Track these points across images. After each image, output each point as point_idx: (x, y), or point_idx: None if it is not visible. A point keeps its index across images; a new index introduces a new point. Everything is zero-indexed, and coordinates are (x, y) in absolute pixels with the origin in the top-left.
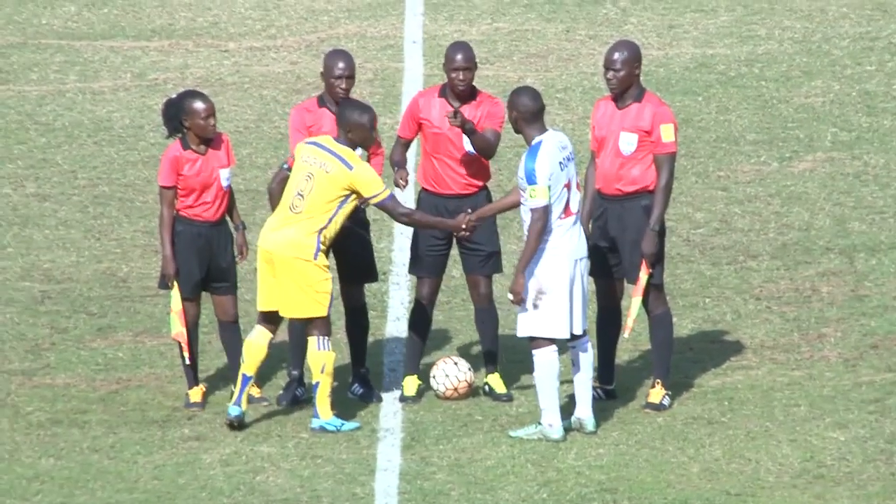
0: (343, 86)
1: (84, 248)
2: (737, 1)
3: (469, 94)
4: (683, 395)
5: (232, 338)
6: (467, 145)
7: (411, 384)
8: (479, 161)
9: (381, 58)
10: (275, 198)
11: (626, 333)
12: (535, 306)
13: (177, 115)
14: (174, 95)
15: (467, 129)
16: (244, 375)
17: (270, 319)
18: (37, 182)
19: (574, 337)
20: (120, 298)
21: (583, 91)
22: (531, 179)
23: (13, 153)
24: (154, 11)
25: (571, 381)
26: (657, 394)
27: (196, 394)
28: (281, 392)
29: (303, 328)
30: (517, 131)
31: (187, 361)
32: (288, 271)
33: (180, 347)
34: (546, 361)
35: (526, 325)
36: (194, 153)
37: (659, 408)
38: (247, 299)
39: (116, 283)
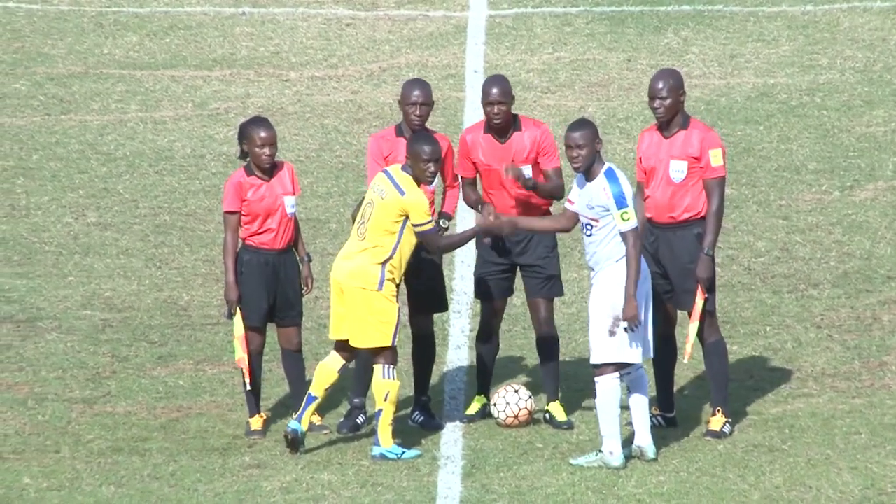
0: (417, 112)
1: (145, 277)
2: (798, 31)
3: (510, 125)
4: (744, 423)
5: (295, 367)
6: (522, 179)
7: (477, 403)
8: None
9: (442, 87)
10: None
11: (685, 359)
12: (613, 332)
13: (242, 141)
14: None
15: (529, 187)
16: (310, 395)
17: (345, 347)
18: (98, 211)
19: (626, 364)
20: (181, 327)
21: (644, 120)
22: (622, 202)
23: (74, 182)
24: (215, 41)
25: (628, 409)
26: (718, 421)
27: (257, 422)
28: (342, 419)
29: (369, 357)
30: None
31: (248, 387)
32: (354, 301)
33: (243, 373)
34: (609, 388)
35: (603, 351)
36: (258, 179)
37: (720, 435)
38: (307, 327)
39: (177, 311)
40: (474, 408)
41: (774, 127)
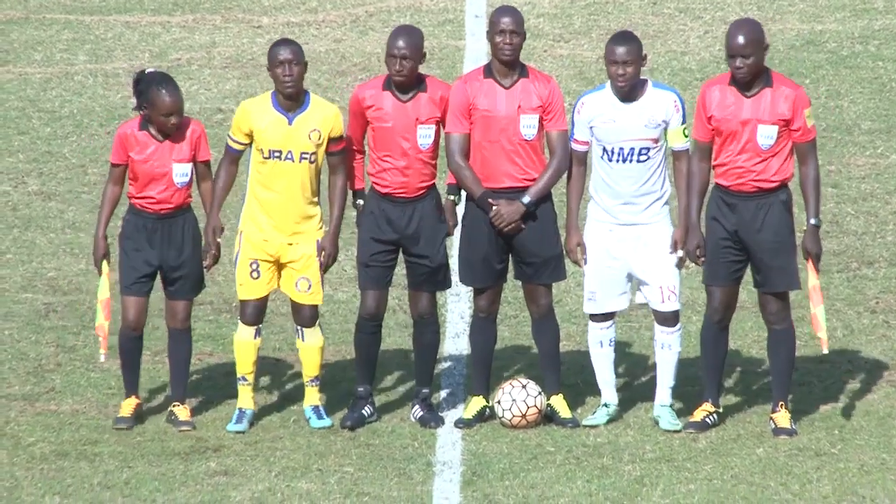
0: (397, 67)
1: None
2: None
3: (517, 67)
4: None
5: (176, 348)
6: (524, 129)
7: (474, 405)
8: (538, 146)
9: (438, 34)
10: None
11: (825, 349)
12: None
13: (142, 95)
14: (150, 70)
15: (529, 206)
16: (241, 377)
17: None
18: (41, 178)
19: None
20: None
21: (672, 73)
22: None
23: (13, 145)
24: None
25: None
26: (785, 417)
27: (128, 406)
28: (346, 412)
29: (372, 343)
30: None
31: (102, 359)
32: None
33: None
34: (590, 337)
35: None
36: (150, 137)
37: (792, 433)
38: (282, 312)
39: None
40: (472, 411)
41: (822, 80)
